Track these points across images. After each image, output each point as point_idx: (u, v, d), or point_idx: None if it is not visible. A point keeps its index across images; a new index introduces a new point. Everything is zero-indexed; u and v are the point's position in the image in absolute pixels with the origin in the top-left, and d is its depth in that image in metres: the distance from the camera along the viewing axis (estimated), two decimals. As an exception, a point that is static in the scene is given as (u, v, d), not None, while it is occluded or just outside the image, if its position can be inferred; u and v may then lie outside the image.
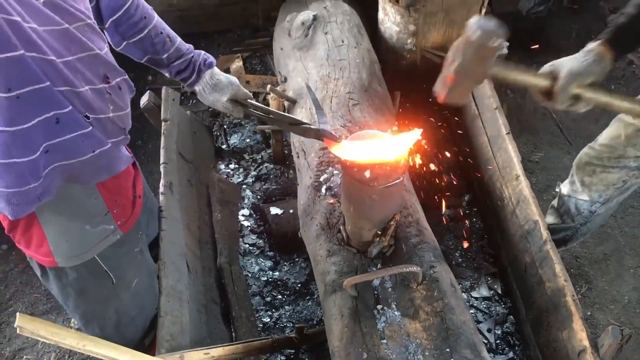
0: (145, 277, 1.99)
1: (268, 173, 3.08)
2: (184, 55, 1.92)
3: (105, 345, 1.63)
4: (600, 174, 2.44)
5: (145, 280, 1.99)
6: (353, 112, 2.31)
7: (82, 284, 1.78)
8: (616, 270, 3.04)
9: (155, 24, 1.82)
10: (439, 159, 3.09)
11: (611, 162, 2.38)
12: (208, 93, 1.99)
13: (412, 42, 2.85)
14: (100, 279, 1.79)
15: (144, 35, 1.81)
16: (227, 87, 1.98)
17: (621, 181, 2.42)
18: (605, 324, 2.82)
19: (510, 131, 2.52)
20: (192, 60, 1.93)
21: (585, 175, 2.49)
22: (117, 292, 1.87)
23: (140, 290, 1.96)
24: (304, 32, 2.76)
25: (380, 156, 1.59)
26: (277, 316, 2.53)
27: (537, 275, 2.20)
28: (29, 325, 1.49)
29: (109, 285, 1.82)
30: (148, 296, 2.03)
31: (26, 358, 2.74)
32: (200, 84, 1.98)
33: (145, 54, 1.87)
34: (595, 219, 2.61)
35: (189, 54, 1.93)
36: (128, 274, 1.88)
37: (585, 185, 2.50)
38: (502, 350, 2.41)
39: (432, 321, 1.70)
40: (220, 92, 1.98)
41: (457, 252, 2.73)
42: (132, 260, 1.87)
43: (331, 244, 1.94)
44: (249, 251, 2.74)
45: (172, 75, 1.96)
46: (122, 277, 1.85)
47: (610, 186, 2.45)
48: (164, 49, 1.86)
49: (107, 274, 1.78)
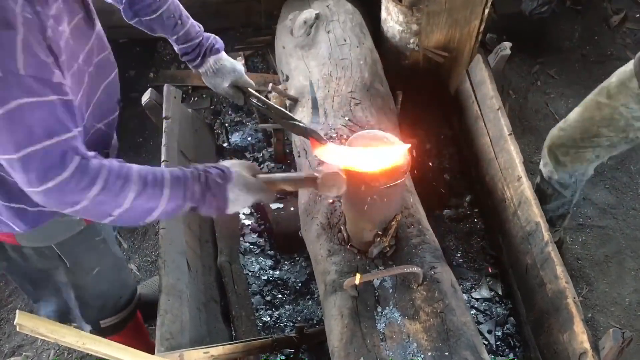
0: (109, 267, 2.00)
1: (269, 172, 3.07)
2: (193, 39, 1.94)
3: (105, 343, 1.63)
4: (574, 155, 2.47)
5: (108, 270, 2.00)
6: (355, 111, 2.31)
7: (39, 264, 1.81)
8: (617, 273, 3.03)
9: (168, 6, 1.84)
10: (441, 160, 3.08)
11: (584, 143, 2.41)
12: (210, 77, 2.02)
13: (414, 41, 2.84)
14: (54, 261, 1.81)
15: (156, 17, 1.84)
16: (229, 73, 2.01)
17: (594, 156, 2.45)
18: (606, 326, 2.81)
19: (512, 132, 2.52)
20: (199, 44, 1.95)
21: (559, 155, 2.51)
22: (75, 276, 1.88)
23: (103, 279, 1.97)
24: (306, 31, 2.75)
25: (363, 166, 1.59)
26: (277, 315, 2.52)
27: (538, 276, 2.20)
28: (29, 323, 1.49)
29: (64, 267, 1.83)
30: (111, 285, 2.05)
31: (25, 355, 2.74)
32: (204, 67, 2.00)
33: (154, 31, 1.92)
34: (580, 185, 2.65)
35: (198, 37, 1.95)
36: (86, 261, 1.89)
37: (560, 164, 2.53)
38: (503, 351, 2.41)
39: (433, 322, 1.70)
40: (222, 77, 2.01)
41: (458, 253, 2.72)
42: (92, 249, 1.88)
43: (332, 244, 1.94)
44: (250, 250, 2.74)
45: (178, 54, 2.00)
46: (78, 263, 1.85)
47: (584, 162, 2.48)
48: (173, 32, 1.89)
49: (60, 257, 1.79)
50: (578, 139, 2.41)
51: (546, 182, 2.66)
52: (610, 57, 3.96)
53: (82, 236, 1.78)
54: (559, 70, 3.88)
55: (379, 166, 1.58)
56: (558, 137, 2.50)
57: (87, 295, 1.98)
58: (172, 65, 3.72)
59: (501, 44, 2.80)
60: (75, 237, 1.77)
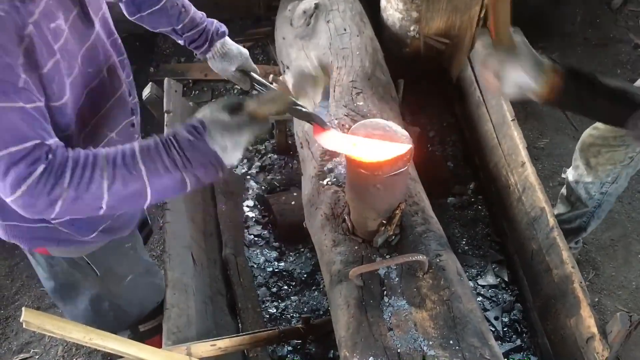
0: (142, 273, 1.99)
1: (272, 164, 3.07)
2: (198, 25, 1.92)
3: (112, 338, 1.63)
4: (605, 154, 2.40)
5: (142, 277, 1.99)
6: (356, 100, 2.30)
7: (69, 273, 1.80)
8: (623, 256, 3.02)
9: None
10: (444, 147, 3.07)
11: (617, 141, 2.35)
12: (218, 61, 2.01)
13: (415, 29, 2.83)
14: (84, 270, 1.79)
15: (160, 7, 1.82)
16: (236, 57, 2.01)
17: (628, 157, 2.39)
18: (613, 310, 2.80)
19: (515, 118, 2.51)
20: (205, 30, 1.94)
21: (590, 156, 2.45)
22: (106, 285, 1.87)
23: (137, 286, 1.96)
24: (305, 21, 2.73)
25: (364, 155, 1.58)
26: (283, 307, 2.53)
27: (544, 262, 2.19)
28: (35, 320, 1.49)
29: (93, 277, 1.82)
30: (146, 291, 2.04)
31: (33, 352, 2.75)
32: (210, 52, 1.99)
33: (159, 25, 1.89)
34: (609, 199, 2.58)
35: (203, 23, 1.93)
36: (117, 269, 1.87)
37: (591, 167, 2.47)
38: (510, 337, 2.41)
39: (439, 310, 1.69)
40: (229, 61, 2.00)
41: (463, 240, 2.72)
42: (122, 257, 1.87)
43: (336, 234, 1.93)
44: (254, 242, 2.74)
45: (185, 44, 1.97)
46: (109, 272, 1.84)
47: (618, 164, 2.42)
48: (179, 20, 1.87)
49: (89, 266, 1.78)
50: (610, 137, 2.36)
51: (571, 189, 2.62)
52: (612, 40, 3.94)
53: (111, 244, 1.77)
54: (561, 54, 3.86)
55: (381, 157, 1.57)
56: (590, 135, 2.44)
57: (123, 303, 1.98)
58: (172, 59, 3.71)
59: (502, 30, 2.78)
60: (105, 246, 1.76)
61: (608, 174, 2.46)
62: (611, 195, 2.56)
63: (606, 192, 2.53)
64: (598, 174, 2.47)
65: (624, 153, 2.38)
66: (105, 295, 1.90)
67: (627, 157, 2.39)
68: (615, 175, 2.47)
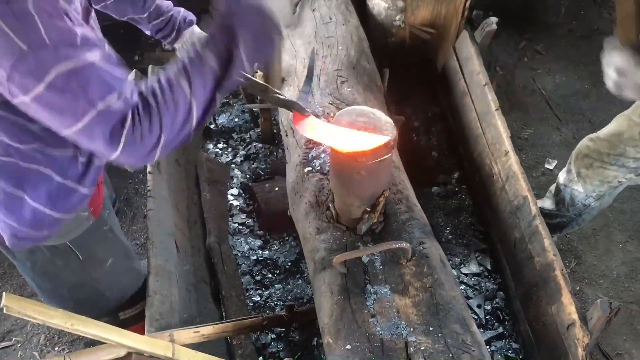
0: (121, 257, 1.98)
1: (257, 152, 3.06)
2: (164, 13, 1.89)
3: (94, 324, 1.63)
4: (597, 169, 2.41)
5: (122, 261, 1.98)
6: (341, 89, 2.30)
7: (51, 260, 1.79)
8: (605, 246, 3.06)
9: None
10: (429, 137, 3.08)
11: (610, 159, 2.35)
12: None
13: (400, 18, 2.83)
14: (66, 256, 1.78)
15: None
16: None
17: (617, 180, 2.40)
18: (595, 298, 2.82)
19: (499, 107, 2.52)
20: (172, 19, 1.91)
21: (582, 166, 2.46)
22: (87, 269, 1.85)
23: (117, 270, 1.95)
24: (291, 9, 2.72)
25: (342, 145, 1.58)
26: (267, 295, 2.53)
27: (527, 250, 2.21)
28: (16, 304, 1.48)
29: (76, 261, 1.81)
30: (126, 276, 2.03)
31: (15, 340, 2.73)
32: (179, 42, 1.96)
33: (124, 13, 1.85)
34: (590, 212, 2.60)
35: (169, 11, 1.90)
36: (99, 252, 1.86)
37: (582, 177, 2.48)
38: (492, 325, 2.43)
39: (422, 297, 1.70)
40: None
41: (447, 229, 2.73)
42: (101, 240, 1.85)
43: (320, 222, 1.93)
44: (239, 230, 2.74)
45: (152, 33, 1.94)
46: (90, 255, 1.83)
47: (605, 183, 2.43)
48: (144, 8, 1.84)
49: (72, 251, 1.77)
50: (605, 153, 2.35)
51: (559, 189, 2.64)
52: (596, 32, 3.96)
53: (92, 228, 1.76)
54: (546, 46, 3.88)
55: (360, 147, 1.57)
56: (586, 146, 2.44)
57: (104, 288, 1.96)
58: (157, 48, 3.68)
59: (487, 20, 2.79)
60: (86, 230, 1.74)
61: (594, 189, 2.48)
62: (593, 209, 2.59)
63: (589, 205, 2.55)
64: (586, 186, 2.48)
65: (614, 174, 2.38)
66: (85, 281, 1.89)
67: (617, 180, 2.40)
68: (600, 194, 2.49)
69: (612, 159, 2.34)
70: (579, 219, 2.66)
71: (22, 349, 2.71)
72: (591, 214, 2.64)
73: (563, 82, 3.74)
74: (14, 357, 2.70)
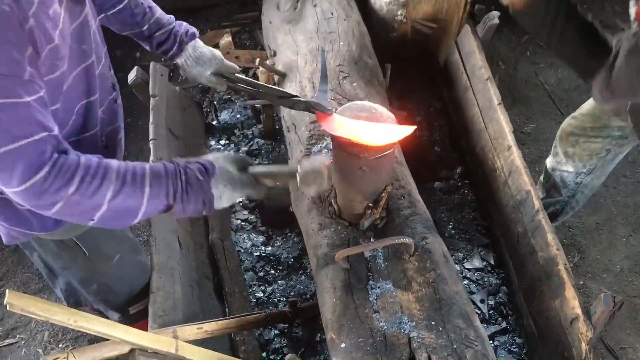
0: (128, 251, 1.98)
1: (259, 148, 3.05)
2: (165, 26, 1.86)
3: (97, 320, 1.63)
4: (583, 144, 2.43)
5: (129, 256, 1.98)
6: (343, 84, 2.29)
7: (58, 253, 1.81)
8: (608, 240, 3.05)
9: None
10: (431, 132, 3.07)
11: (594, 132, 2.37)
12: (191, 66, 1.92)
13: (402, 13, 2.82)
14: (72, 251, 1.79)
15: (123, 7, 1.76)
16: (210, 60, 1.92)
17: (604, 150, 2.41)
18: (598, 292, 2.83)
19: (501, 102, 2.51)
20: (173, 31, 1.87)
21: (568, 146, 2.48)
22: (94, 264, 1.86)
23: (125, 265, 1.96)
24: (292, 5, 2.72)
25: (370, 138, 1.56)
26: (270, 291, 2.53)
27: (530, 245, 2.20)
28: (19, 302, 1.48)
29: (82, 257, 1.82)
30: (134, 270, 2.04)
31: (19, 337, 2.74)
32: (182, 57, 1.92)
33: (124, 25, 1.82)
34: (583, 190, 2.61)
35: (170, 24, 1.87)
36: (105, 248, 1.87)
37: (569, 156, 2.49)
38: (495, 320, 2.42)
39: (425, 292, 1.70)
40: (203, 65, 1.92)
41: (450, 224, 2.72)
42: (107, 236, 1.86)
43: (323, 218, 1.93)
44: (241, 227, 2.73)
45: (153, 48, 1.90)
46: (97, 250, 1.83)
47: (594, 155, 2.44)
48: (144, 20, 1.81)
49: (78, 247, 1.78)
50: (588, 127, 2.37)
51: (548, 175, 2.65)
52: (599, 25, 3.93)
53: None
54: (548, 39, 3.86)
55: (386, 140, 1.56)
56: (569, 124, 2.47)
57: (112, 283, 1.97)
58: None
59: (489, 14, 2.78)
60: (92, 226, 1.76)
61: (584, 164, 2.49)
62: (586, 187, 2.59)
63: (581, 182, 2.55)
64: (575, 164, 2.50)
65: (601, 145, 2.40)
66: (93, 276, 1.89)
67: (604, 149, 2.41)
68: (591, 167, 2.50)
69: (597, 131, 2.36)
70: (572, 202, 2.67)
71: (26, 346, 2.72)
72: (584, 194, 2.64)
73: (565, 76, 3.72)
74: (18, 354, 2.71)
